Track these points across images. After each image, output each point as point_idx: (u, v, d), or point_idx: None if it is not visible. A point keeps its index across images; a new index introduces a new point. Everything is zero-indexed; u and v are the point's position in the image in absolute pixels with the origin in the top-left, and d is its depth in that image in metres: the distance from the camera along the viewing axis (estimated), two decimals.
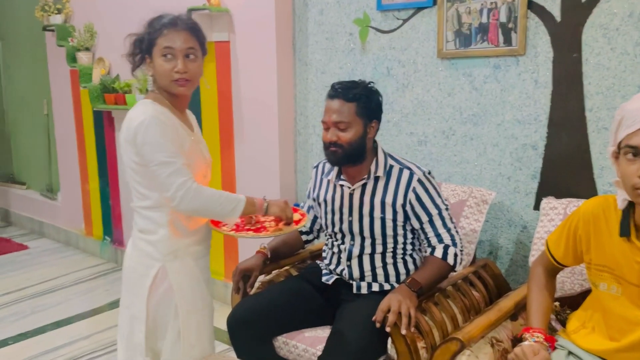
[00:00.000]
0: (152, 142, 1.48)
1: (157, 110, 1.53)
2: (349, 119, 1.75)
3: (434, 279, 1.75)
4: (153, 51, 1.55)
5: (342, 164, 1.83)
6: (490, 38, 2.11)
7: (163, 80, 1.56)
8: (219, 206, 1.55)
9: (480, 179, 2.22)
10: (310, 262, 2.15)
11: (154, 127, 1.48)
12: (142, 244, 1.60)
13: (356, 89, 1.77)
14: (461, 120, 2.24)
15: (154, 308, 1.58)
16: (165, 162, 1.48)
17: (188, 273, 1.63)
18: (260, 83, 2.78)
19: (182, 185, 1.49)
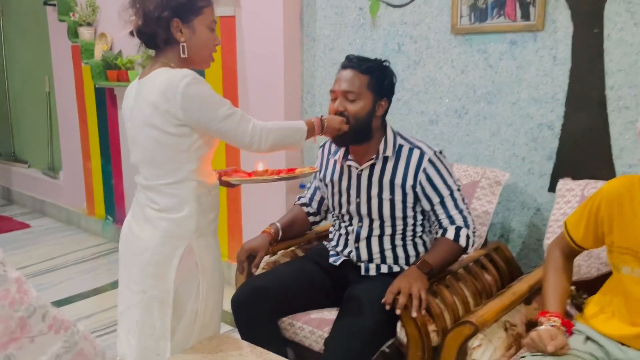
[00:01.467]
0: (207, 97, 1.40)
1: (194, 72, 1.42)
2: (360, 90, 1.69)
3: (445, 261, 1.69)
4: (195, 19, 1.46)
5: (346, 143, 1.76)
6: (507, 12, 2.03)
7: (202, 52, 1.50)
8: (289, 135, 1.54)
9: (493, 160, 2.15)
10: (317, 243, 2.09)
11: (201, 85, 1.39)
12: (164, 223, 1.48)
13: (371, 62, 1.72)
14: (475, 98, 2.16)
15: (177, 287, 1.50)
16: (229, 114, 1.42)
17: (211, 250, 1.57)
18: (266, 60, 2.70)
19: (254, 130, 1.46)
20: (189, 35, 1.46)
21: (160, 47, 1.48)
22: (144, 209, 1.52)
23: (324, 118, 1.63)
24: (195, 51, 1.48)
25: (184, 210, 1.48)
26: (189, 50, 1.47)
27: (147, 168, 1.50)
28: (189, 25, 1.46)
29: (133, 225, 1.55)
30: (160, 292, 1.49)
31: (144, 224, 1.52)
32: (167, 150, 1.44)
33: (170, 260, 1.48)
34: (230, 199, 3.02)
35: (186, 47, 1.46)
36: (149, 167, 1.49)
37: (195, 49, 1.48)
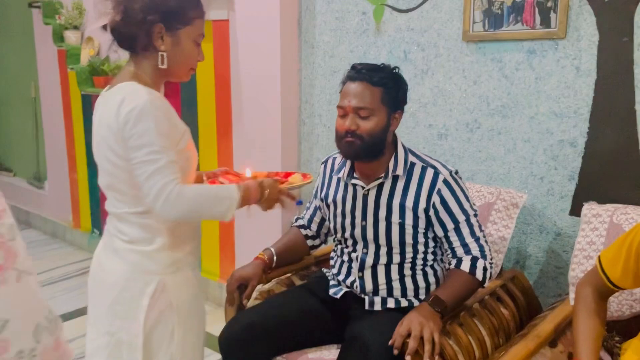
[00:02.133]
0: (142, 133, 1.21)
1: (152, 92, 1.25)
2: (373, 105, 1.50)
3: (460, 296, 1.51)
4: (182, 29, 1.29)
5: (359, 158, 1.58)
6: (525, 18, 1.85)
7: (182, 66, 1.33)
8: (208, 209, 1.29)
9: (509, 179, 1.97)
10: (316, 270, 1.90)
11: (148, 115, 1.20)
12: (133, 256, 1.31)
13: (383, 72, 1.53)
14: (488, 111, 1.99)
15: (149, 330, 1.31)
16: (147, 160, 1.21)
17: (189, 287, 1.39)
18: (261, 67, 2.52)
19: (162, 190, 1.21)
20: (170, 45, 1.29)
21: (136, 51, 1.30)
22: (112, 240, 1.34)
23: (263, 181, 1.39)
24: (175, 64, 1.32)
25: (156, 242, 1.31)
26: (168, 61, 1.29)
27: (112, 194, 1.32)
28: (174, 34, 1.29)
29: (102, 257, 1.37)
30: (129, 335, 1.31)
31: (112, 256, 1.34)
32: (129, 175, 1.26)
33: (140, 299, 1.30)
34: None
35: (166, 58, 1.29)
36: (114, 193, 1.31)
37: (175, 62, 1.31)
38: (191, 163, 1.36)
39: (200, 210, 1.28)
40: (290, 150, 2.57)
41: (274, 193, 1.40)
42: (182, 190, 1.23)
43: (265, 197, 1.37)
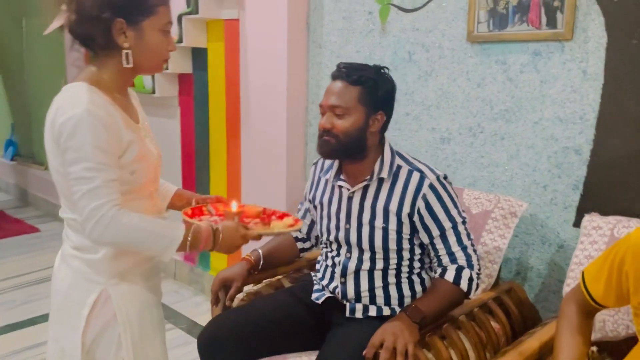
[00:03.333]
0: (77, 147, 1.12)
1: (94, 101, 1.15)
2: (348, 104, 1.46)
3: (441, 307, 1.44)
4: (145, 20, 1.20)
5: (333, 157, 1.55)
6: (531, 19, 1.77)
7: (156, 59, 1.25)
8: (143, 242, 1.18)
9: (511, 186, 1.88)
10: (305, 274, 1.87)
11: (84, 127, 1.11)
12: (77, 263, 1.25)
13: (363, 72, 1.48)
14: (491, 115, 1.90)
15: (91, 341, 1.26)
16: (82, 178, 1.12)
17: (137, 297, 1.30)
18: (269, 66, 2.50)
19: (93, 212, 1.12)
20: (134, 40, 1.20)
21: (96, 52, 1.23)
22: (63, 245, 1.31)
23: (219, 228, 1.26)
24: (143, 58, 1.23)
25: (100, 251, 1.24)
26: (134, 57, 1.21)
27: (62, 198, 1.26)
28: (137, 27, 1.20)
29: (56, 261, 1.34)
30: (71, 344, 1.26)
31: (61, 261, 1.31)
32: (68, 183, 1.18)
33: (81, 309, 1.25)
34: None
35: (130, 55, 1.20)
36: (62, 198, 1.26)
37: (142, 56, 1.22)
38: (141, 177, 1.26)
39: (134, 242, 1.18)
40: (296, 151, 2.55)
41: (234, 239, 1.28)
42: (117, 215, 1.14)
43: (219, 244, 1.26)
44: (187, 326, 2.70)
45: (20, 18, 4.84)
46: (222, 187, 2.87)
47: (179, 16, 2.70)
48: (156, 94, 2.96)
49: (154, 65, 1.27)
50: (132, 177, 1.23)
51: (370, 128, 1.49)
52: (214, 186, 2.92)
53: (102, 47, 1.21)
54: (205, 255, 3.07)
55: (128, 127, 1.22)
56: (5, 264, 3.53)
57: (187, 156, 3.09)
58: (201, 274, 3.10)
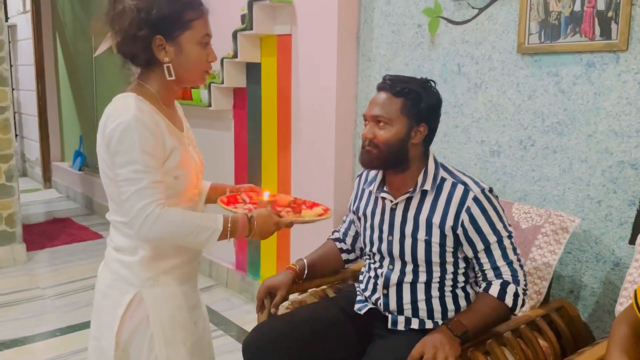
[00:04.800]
0: (126, 150, 1.20)
1: (141, 108, 1.23)
2: (391, 115, 1.48)
3: (484, 322, 1.42)
4: (182, 35, 1.26)
5: (374, 167, 1.57)
6: (584, 30, 1.72)
7: (196, 71, 1.31)
8: (188, 235, 1.25)
9: (563, 201, 1.83)
10: (349, 284, 1.88)
11: (132, 132, 1.20)
12: (116, 265, 1.33)
13: (408, 84, 1.50)
14: (543, 128, 1.86)
15: (125, 340, 1.32)
16: (130, 179, 1.20)
17: (170, 300, 1.35)
18: (320, 80, 2.55)
19: (141, 211, 1.20)
20: (174, 54, 1.27)
21: (142, 67, 1.31)
22: (107, 247, 1.39)
23: (254, 216, 1.33)
24: (183, 70, 1.29)
25: (138, 254, 1.31)
26: (176, 70, 1.28)
27: (109, 201, 1.35)
28: (175, 42, 1.26)
29: (101, 264, 1.42)
30: (108, 343, 1.33)
31: (103, 263, 1.40)
32: (116, 185, 1.27)
33: (116, 309, 1.32)
34: None
35: (172, 68, 1.28)
36: (110, 201, 1.34)
37: (183, 70, 1.29)
38: (184, 182, 1.32)
39: (179, 236, 1.25)
40: (345, 163, 2.57)
41: (268, 225, 1.34)
42: (162, 212, 1.21)
43: (254, 231, 1.32)
44: (236, 333, 2.76)
45: (90, 37, 5.15)
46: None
47: (234, 32, 2.80)
48: (212, 107, 3.07)
49: (195, 76, 1.32)
50: (175, 182, 1.30)
51: (412, 140, 1.50)
52: None
53: (146, 63, 1.29)
54: (255, 263, 3.13)
55: (172, 134, 1.29)
56: (71, 268, 3.73)
57: (240, 167, 3.18)
58: (251, 282, 3.17)
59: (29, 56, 6.15)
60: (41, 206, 5.47)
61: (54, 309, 3.05)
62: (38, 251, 4.02)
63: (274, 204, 1.48)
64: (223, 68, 2.96)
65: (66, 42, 5.79)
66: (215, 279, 3.45)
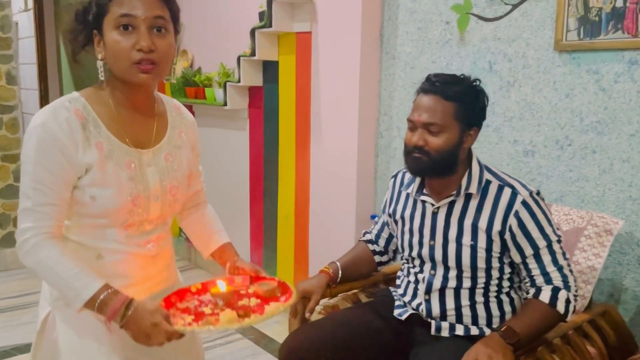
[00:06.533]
0: (24, 159, 1.08)
1: (57, 114, 1.07)
2: (444, 121, 1.41)
3: (537, 329, 1.37)
4: (104, 23, 1.09)
5: (425, 174, 1.50)
6: (627, 26, 1.67)
7: (119, 64, 1.09)
8: (54, 284, 1.10)
9: (603, 203, 1.78)
10: (383, 289, 1.83)
11: (33, 141, 1.06)
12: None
13: (458, 86, 1.43)
14: (581, 128, 1.81)
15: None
16: (22, 193, 1.09)
17: (82, 326, 1.15)
18: (341, 78, 2.50)
19: (20, 233, 1.09)
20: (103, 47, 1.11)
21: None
22: None
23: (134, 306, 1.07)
24: (114, 65, 1.11)
25: None
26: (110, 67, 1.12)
27: None
28: (102, 33, 1.10)
29: None
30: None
31: None
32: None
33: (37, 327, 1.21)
34: (299, 224, 2.83)
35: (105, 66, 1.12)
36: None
37: (112, 62, 1.11)
38: (105, 203, 1.12)
39: (46, 279, 1.11)
40: (367, 163, 2.52)
41: (142, 324, 1.06)
42: (37, 245, 1.07)
43: (127, 322, 1.06)
44: (255, 337, 2.70)
45: None
46: (290, 199, 2.87)
47: (252, 30, 2.74)
48: (227, 106, 3.01)
49: (123, 70, 1.10)
50: (92, 202, 1.12)
51: (463, 144, 1.44)
52: (282, 198, 2.93)
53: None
54: (271, 264, 3.08)
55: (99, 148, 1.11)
56: None
57: (256, 168, 3.12)
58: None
59: (31, 54, 6.06)
60: None
61: None
62: None
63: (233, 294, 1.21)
64: (240, 66, 2.90)
65: None
66: None
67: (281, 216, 2.95)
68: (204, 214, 1.44)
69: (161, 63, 1.11)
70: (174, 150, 1.25)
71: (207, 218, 1.44)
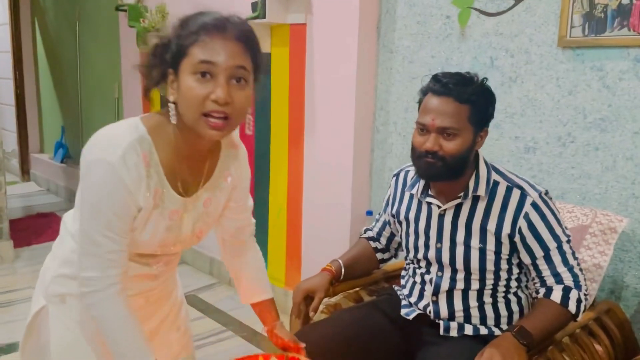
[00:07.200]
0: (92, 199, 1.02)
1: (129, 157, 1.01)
2: (460, 125, 1.36)
3: (549, 329, 1.35)
4: (181, 65, 1.01)
5: (437, 179, 1.45)
6: (633, 23, 1.67)
7: (190, 113, 1.01)
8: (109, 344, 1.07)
9: (605, 200, 1.78)
10: (386, 287, 1.80)
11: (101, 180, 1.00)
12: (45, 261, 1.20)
13: (471, 87, 1.38)
14: (584, 124, 1.81)
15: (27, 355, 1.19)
16: (87, 234, 1.03)
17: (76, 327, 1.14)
18: (337, 71, 2.45)
19: (89, 281, 1.04)
20: (177, 90, 1.03)
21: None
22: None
23: None
24: (184, 111, 1.03)
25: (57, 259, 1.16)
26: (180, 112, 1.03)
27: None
28: (177, 74, 1.02)
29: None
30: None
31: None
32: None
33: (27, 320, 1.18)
34: (291, 219, 2.79)
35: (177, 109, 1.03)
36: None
37: (183, 108, 1.03)
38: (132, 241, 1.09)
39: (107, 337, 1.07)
40: (362, 158, 2.48)
41: None
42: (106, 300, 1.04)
43: None
44: (247, 334, 2.66)
45: (74, 22, 4.92)
46: (282, 195, 2.82)
47: None
48: None
49: (192, 119, 1.02)
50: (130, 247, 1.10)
51: (475, 146, 1.41)
52: (273, 194, 2.88)
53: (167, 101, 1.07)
54: None
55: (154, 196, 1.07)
56: None
57: None
58: None
59: (5, 42, 5.85)
60: (21, 200, 5.23)
61: None
62: (24, 248, 3.82)
63: None
64: None
65: (46, 28, 5.53)
66: (216, 277, 3.34)
67: (273, 211, 2.90)
68: (247, 262, 1.37)
69: (234, 117, 1.03)
70: (214, 193, 1.20)
71: (252, 266, 1.38)
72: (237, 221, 1.31)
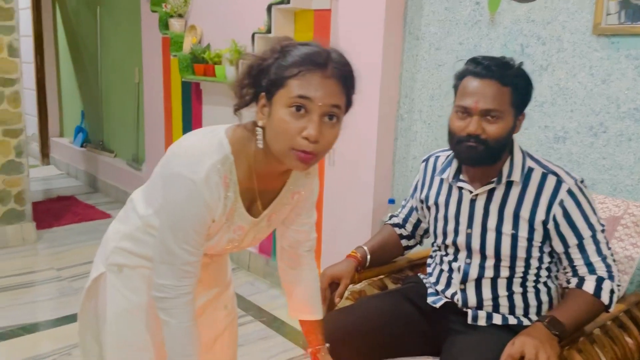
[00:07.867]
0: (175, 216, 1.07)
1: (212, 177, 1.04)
2: (503, 107, 1.35)
3: (580, 320, 1.34)
4: (276, 94, 1.01)
5: (479, 164, 1.43)
6: None
7: (279, 144, 1.02)
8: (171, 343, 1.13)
9: (638, 192, 1.75)
10: (412, 275, 1.79)
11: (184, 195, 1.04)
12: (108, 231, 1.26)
13: (512, 69, 1.37)
14: (617, 114, 1.77)
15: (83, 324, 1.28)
16: (167, 247, 1.07)
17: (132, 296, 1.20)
18: (361, 58, 2.38)
19: (162, 288, 1.10)
20: (268, 115, 1.03)
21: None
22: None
23: None
24: (269, 140, 1.04)
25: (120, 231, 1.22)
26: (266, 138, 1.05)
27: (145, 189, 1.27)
28: (271, 101, 1.03)
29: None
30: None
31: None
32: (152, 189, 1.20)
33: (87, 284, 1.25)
34: None
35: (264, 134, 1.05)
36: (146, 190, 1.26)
37: (269, 137, 1.04)
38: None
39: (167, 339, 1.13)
40: (386, 146, 2.47)
41: None
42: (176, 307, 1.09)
43: None
44: (267, 319, 2.67)
45: (95, 7, 4.94)
46: None
47: (269, 6, 2.65)
48: None
49: (279, 151, 1.03)
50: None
51: (514, 131, 1.40)
52: None
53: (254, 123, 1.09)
54: None
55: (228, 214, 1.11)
56: (84, 248, 3.59)
57: None
58: (276, 267, 3.06)
59: (26, 26, 5.89)
60: (41, 183, 5.28)
61: (72, 291, 2.93)
62: (46, 230, 3.87)
63: None
64: (254, 43, 2.81)
65: (67, 12, 5.55)
66: (236, 262, 3.35)
67: None
68: (301, 277, 1.37)
69: (321, 154, 1.05)
70: (277, 209, 1.22)
71: (306, 283, 1.38)
72: (296, 233, 1.32)
